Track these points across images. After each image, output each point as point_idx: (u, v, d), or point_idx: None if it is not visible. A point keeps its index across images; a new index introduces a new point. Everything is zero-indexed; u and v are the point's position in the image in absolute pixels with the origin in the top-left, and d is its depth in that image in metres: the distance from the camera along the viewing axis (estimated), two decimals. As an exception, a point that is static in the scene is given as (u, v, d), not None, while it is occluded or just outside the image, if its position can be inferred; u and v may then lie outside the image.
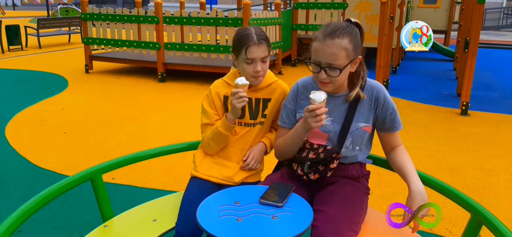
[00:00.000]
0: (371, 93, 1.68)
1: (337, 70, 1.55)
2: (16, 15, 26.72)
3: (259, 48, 1.80)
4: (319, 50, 1.55)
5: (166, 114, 5.30)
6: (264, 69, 1.85)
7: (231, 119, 1.82)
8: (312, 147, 1.67)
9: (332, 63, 1.54)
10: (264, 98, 1.94)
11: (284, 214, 1.38)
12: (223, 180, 1.88)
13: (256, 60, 1.81)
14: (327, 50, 1.53)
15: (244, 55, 1.80)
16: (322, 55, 1.55)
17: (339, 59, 1.54)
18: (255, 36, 1.80)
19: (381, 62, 6.23)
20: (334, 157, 1.62)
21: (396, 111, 1.70)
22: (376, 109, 1.68)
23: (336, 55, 1.53)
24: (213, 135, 1.88)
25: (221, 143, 1.91)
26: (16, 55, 10.46)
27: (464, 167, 3.64)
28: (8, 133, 4.42)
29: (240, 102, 1.73)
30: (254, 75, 1.83)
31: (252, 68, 1.82)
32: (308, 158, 1.64)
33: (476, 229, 1.55)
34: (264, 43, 1.82)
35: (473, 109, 5.50)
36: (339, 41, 1.53)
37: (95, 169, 1.83)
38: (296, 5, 8.99)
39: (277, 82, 1.98)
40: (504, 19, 23.81)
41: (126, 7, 17.48)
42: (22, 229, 2.54)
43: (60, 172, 3.42)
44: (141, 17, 7.44)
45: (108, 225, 1.81)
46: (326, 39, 1.54)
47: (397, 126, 1.71)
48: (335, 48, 1.52)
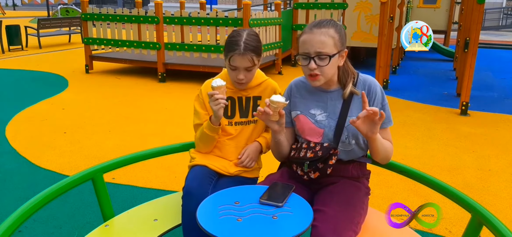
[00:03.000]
0: (363, 87, 1.69)
1: (326, 58, 1.58)
2: (16, 15, 26.72)
3: (243, 59, 1.79)
4: (307, 40, 1.60)
5: (166, 114, 5.31)
6: (248, 77, 1.86)
7: (214, 121, 1.83)
8: (309, 146, 1.67)
9: (321, 51, 1.57)
10: (255, 96, 1.96)
11: (284, 214, 1.38)
12: (220, 169, 1.90)
13: (239, 69, 1.82)
14: (315, 38, 1.58)
15: (228, 62, 1.83)
16: (310, 44, 1.59)
17: (327, 46, 1.58)
18: (242, 44, 1.78)
19: (381, 62, 6.23)
20: (332, 153, 1.62)
21: (386, 105, 1.70)
22: (369, 102, 1.67)
23: (324, 42, 1.57)
24: (200, 135, 1.91)
25: (208, 143, 1.93)
26: (16, 55, 10.46)
27: (464, 167, 3.64)
28: (8, 133, 4.42)
29: (216, 104, 1.73)
30: (237, 81, 1.85)
31: (235, 74, 1.84)
32: (307, 158, 1.64)
33: (477, 230, 1.55)
34: (250, 53, 1.79)
35: (473, 109, 5.50)
36: (326, 30, 1.59)
37: (96, 169, 1.84)
38: (296, 5, 8.99)
39: (267, 81, 2.00)
40: (504, 19, 23.82)
41: (126, 7, 17.45)
42: (22, 229, 2.55)
43: (60, 172, 3.43)
44: (141, 17, 7.44)
45: (109, 225, 1.81)
46: (313, 29, 1.60)
47: (387, 121, 1.70)
48: (323, 36, 1.58)
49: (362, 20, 8.55)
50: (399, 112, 5.43)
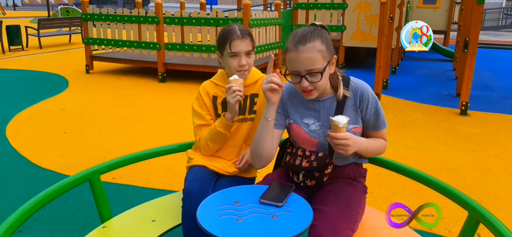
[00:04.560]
0: (355, 93, 1.66)
1: (318, 74, 1.52)
2: (16, 15, 26.72)
3: (243, 42, 1.85)
4: (294, 59, 1.53)
5: (166, 114, 5.31)
6: (249, 63, 1.89)
7: (229, 118, 1.83)
8: (304, 154, 1.66)
9: (311, 69, 1.51)
10: (252, 93, 1.96)
11: (284, 214, 1.38)
12: (219, 169, 1.91)
13: (240, 54, 1.85)
14: (302, 56, 1.51)
15: (229, 49, 1.84)
16: (299, 63, 1.52)
17: (317, 62, 1.51)
18: (238, 31, 1.86)
19: (381, 62, 6.23)
20: (327, 162, 1.62)
21: (380, 109, 1.68)
22: (362, 109, 1.66)
23: (313, 59, 1.51)
24: (212, 135, 1.89)
25: (219, 143, 1.93)
26: (16, 55, 10.47)
27: (464, 167, 3.64)
28: (9, 133, 4.42)
29: (234, 96, 1.74)
30: (239, 69, 1.86)
31: (237, 62, 1.85)
32: (302, 167, 1.64)
33: (474, 227, 1.56)
34: (248, 37, 1.87)
35: (472, 109, 5.50)
36: (312, 45, 1.51)
37: (93, 170, 1.82)
38: (296, 5, 8.99)
39: (263, 78, 1.99)
40: (504, 19, 23.82)
41: (127, 7, 17.47)
42: (23, 229, 2.55)
43: (60, 172, 3.43)
44: (142, 18, 7.45)
45: (106, 226, 1.81)
46: (298, 47, 1.51)
47: (381, 125, 1.69)
48: (310, 53, 1.50)
49: (362, 20, 8.55)
50: (398, 112, 5.43)
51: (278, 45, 8.16)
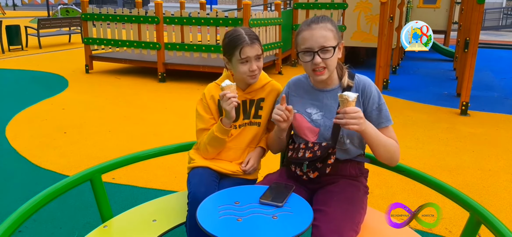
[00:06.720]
0: (358, 86, 1.70)
1: (331, 50, 1.60)
2: (16, 15, 26.72)
3: (253, 48, 1.83)
4: (308, 37, 1.61)
5: (166, 114, 5.30)
6: (260, 67, 1.88)
7: (226, 123, 1.82)
8: (307, 146, 1.68)
9: (324, 45, 1.60)
10: (258, 98, 1.95)
11: (284, 214, 1.38)
12: (223, 169, 1.90)
13: (251, 59, 1.83)
14: (316, 33, 1.60)
15: (239, 56, 1.82)
16: (312, 40, 1.60)
17: (329, 39, 1.61)
18: (247, 36, 1.83)
19: (381, 62, 6.23)
20: (330, 152, 1.63)
21: (383, 105, 1.69)
22: (364, 102, 1.68)
23: (326, 36, 1.60)
24: (210, 139, 1.88)
25: (218, 148, 1.91)
26: (16, 55, 10.46)
27: (464, 167, 3.64)
28: (9, 133, 4.42)
29: (229, 103, 1.73)
30: (250, 74, 1.85)
31: (247, 67, 1.84)
32: (305, 158, 1.65)
33: (475, 228, 1.55)
34: (257, 42, 1.86)
35: (472, 109, 5.50)
36: (324, 24, 1.63)
37: (94, 170, 1.83)
38: (296, 5, 8.99)
39: (271, 83, 1.99)
40: (504, 19, 23.80)
41: (126, 7, 17.47)
42: (23, 229, 2.55)
43: (60, 172, 3.43)
44: (141, 17, 7.44)
45: (107, 226, 1.81)
46: (311, 25, 1.63)
47: (384, 121, 1.69)
48: (323, 31, 1.61)
49: (362, 20, 8.55)
50: (399, 112, 5.43)
51: (278, 45, 8.15)
